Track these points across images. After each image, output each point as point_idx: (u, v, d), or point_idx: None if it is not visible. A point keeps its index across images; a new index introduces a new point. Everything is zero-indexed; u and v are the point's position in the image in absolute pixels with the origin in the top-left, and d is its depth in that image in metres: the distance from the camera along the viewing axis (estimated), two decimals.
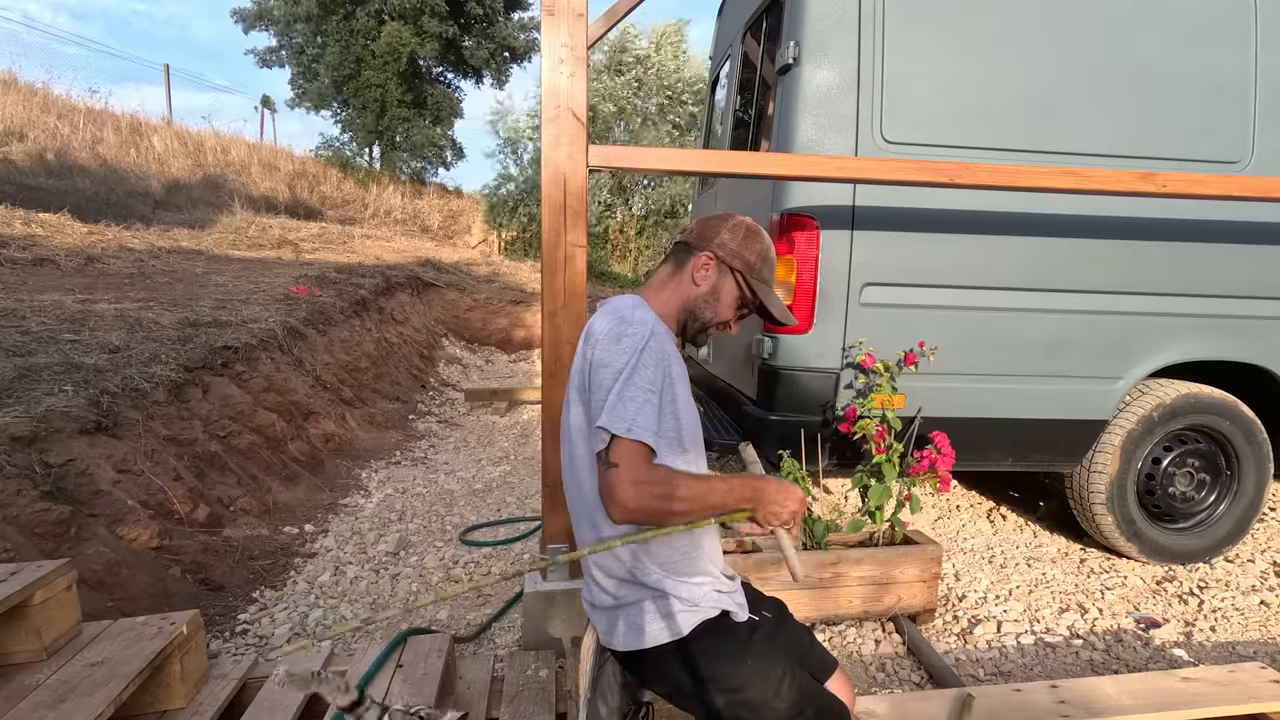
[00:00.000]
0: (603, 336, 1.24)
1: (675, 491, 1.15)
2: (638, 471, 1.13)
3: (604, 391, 1.18)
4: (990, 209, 2.70)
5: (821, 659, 1.45)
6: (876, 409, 2.55)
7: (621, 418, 1.14)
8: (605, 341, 1.23)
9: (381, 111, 16.23)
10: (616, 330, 1.23)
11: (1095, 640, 2.55)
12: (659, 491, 1.14)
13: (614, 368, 1.19)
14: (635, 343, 1.21)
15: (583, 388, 1.26)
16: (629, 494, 1.12)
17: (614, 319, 1.26)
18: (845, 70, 2.60)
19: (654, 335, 1.24)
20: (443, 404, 6.15)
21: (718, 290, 1.36)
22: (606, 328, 1.25)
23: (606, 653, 1.36)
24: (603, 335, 1.24)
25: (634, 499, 1.12)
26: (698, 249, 1.37)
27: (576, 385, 1.28)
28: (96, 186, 9.86)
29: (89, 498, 2.61)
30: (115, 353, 3.47)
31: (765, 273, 1.38)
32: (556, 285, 2.19)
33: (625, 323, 1.24)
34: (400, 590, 2.83)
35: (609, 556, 1.30)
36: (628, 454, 1.13)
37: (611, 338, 1.22)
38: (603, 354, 1.22)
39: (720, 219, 1.39)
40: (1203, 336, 2.94)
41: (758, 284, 1.36)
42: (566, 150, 2.12)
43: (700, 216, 1.42)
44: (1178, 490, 3.08)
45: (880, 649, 2.48)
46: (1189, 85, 2.79)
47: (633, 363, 1.19)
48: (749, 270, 1.36)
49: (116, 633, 1.80)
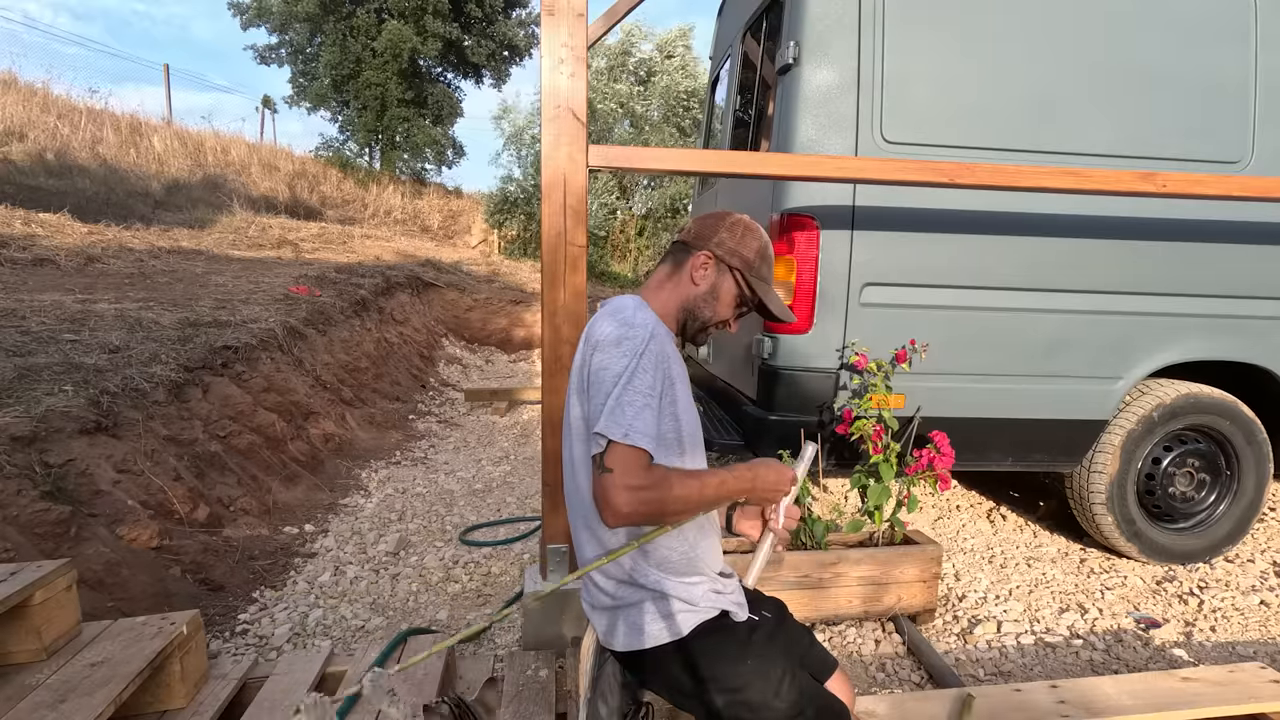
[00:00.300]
0: (603, 339, 1.23)
1: (669, 494, 1.16)
2: (631, 477, 1.13)
3: (603, 395, 1.18)
4: (990, 209, 2.70)
5: (821, 659, 1.46)
6: (873, 409, 2.55)
7: (619, 423, 1.14)
8: (606, 344, 1.22)
9: (381, 111, 16.23)
10: (617, 333, 1.23)
11: (1095, 640, 2.55)
12: (652, 496, 1.14)
13: (613, 371, 1.19)
14: (635, 346, 1.20)
15: (581, 388, 1.26)
16: (622, 499, 1.12)
17: (615, 321, 1.25)
18: (845, 70, 2.60)
19: (654, 338, 1.23)
20: (443, 404, 6.15)
21: (717, 289, 1.36)
22: (607, 330, 1.24)
23: (606, 653, 1.36)
24: (603, 337, 1.23)
25: (627, 504, 1.12)
26: (696, 248, 1.36)
27: (576, 386, 1.28)
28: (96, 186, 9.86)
29: (89, 498, 2.61)
30: (115, 353, 3.47)
31: (764, 270, 1.38)
32: (556, 285, 2.19)
33: (626, 325, 1.24)
34: (400, 590, 2.83)
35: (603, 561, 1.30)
36: (622, 459, 1.13)
37: (612, 340, 1.22)
38: (603, 357, 1.21)
39: (717, 217, 1.39)
40: (1203, 336, 2.94)
41: (756, 282, 1.36)
42: (566, 150, 2.12)
43: (698, 215, 1.42)
44: (1178, 490, 3.08)
45: (880, 649, 2.48)
46: (1189, 85, 2.79)
47: (632, 366, 1.18)
48: (747, 268, 1.35)
49: (116, 633, 1.80)
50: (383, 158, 17.58)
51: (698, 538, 1.33)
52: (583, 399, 1.26)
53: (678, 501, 1.17)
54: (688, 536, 1.31)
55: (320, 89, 16.04)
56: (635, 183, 14.78)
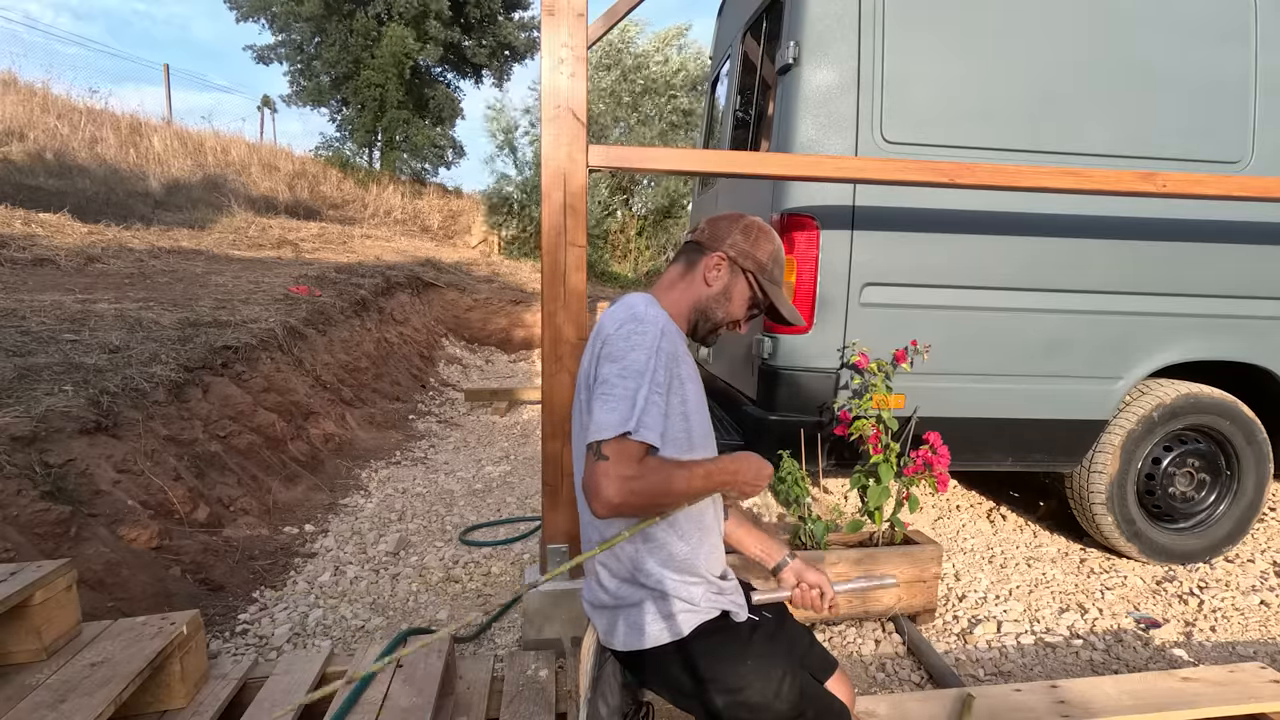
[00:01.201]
0: (613, 333, 1.24)
1: (659, 485, 1.16)
2: (625, 467, 1.12)
3: (609, 387, 1.18)
4: (990, 209, 2.70)
5: (822, 659, 1.46)
6: (872, 409, 2.55)
7: (621, 414, 1.14)
8: (615, 338, 1.22)
9: (381, 112, 16.21)
10: (627, 328, 1.23)
11: (1095, 640, 2.55)
12: (641, 487, 1.13)
13: (622, 364, 1.19)
14: (645, 340, 1.21)
15: (591, 384, 1.25)
16: (613, 489, 1.11)
17: (625, 315, 1.26)
18: (845, 70, 2.60)
19: (664, 335, 1.24)
20: (443, 404, 6.15)
21: (729, 290, 1.37)
22: (617, 324, 1.24)
23: (607, 653, 1.36)
24: (613, 332, 1.24)
25: (618, 494, 1.11)
26: (709, 249, 1.37)
27: (585, 381, 1.28)
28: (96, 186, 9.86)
29: (89, 497, 2.61)
30: (115, 353, 3.47)
31: (776, 274, 1.39)
32: (556, 285, 2.19)
33: (636, 320, 1.24)
34: (400, 590, 2.83)
35: (610, 555, 1.30)
36: (619, 449, 1.13)
37: (622, 335, 1.22)
38: (612, 349, 1.22)
39: (731, 219, 1.40)
40: (1203, 336, 2.94)
41: (768, 285, 1.38)
42: (566, 150, 2.12)
43: (710, 216, 1.44)
44: (1178, 490, 3.08)
45: (880, 649, 2.48)
46: (1189, 85, 2.79)
47: (640, 360, 1.19)
48: (760, 271, 1.36)
49: (116, 633, 1.80)
50: (382, 158, 17.58)
51: (701, 539, 1.33)
52: (585, 389, 1.26)
53: (667, 493, 1.17)
54: (690, 537, 1.31)
55: (319, 87, 16.02)
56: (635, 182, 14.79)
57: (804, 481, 2.54)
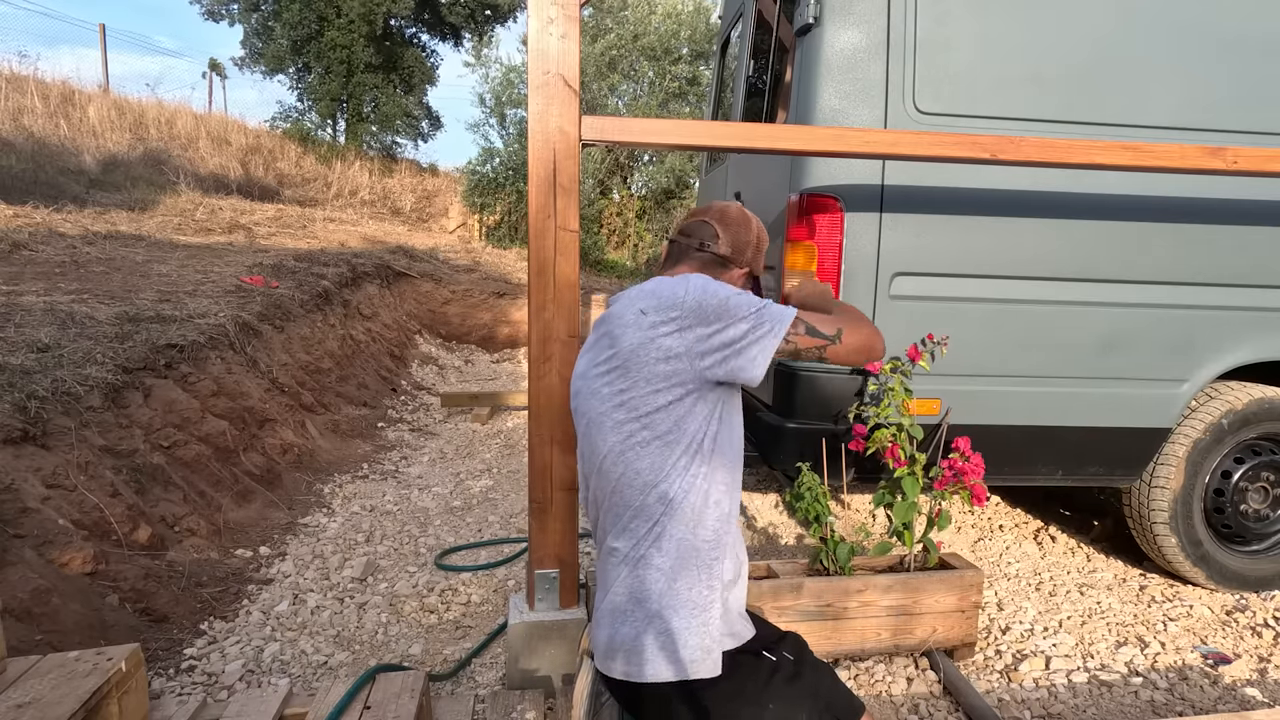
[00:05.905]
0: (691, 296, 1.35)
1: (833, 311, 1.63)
2: (828, 323, 1.43)
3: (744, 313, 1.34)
4: (1038, 189, 2.70)
5: (846, 701, 1.46)
6: (893, 417, 2.54)
7: (775, 308, 1.37)
8: (701, 295, 1.35)
9: (347, 77, 16.21)
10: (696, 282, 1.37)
11: (1156, 678, 2.56)
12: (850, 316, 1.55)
13: (726, 299, 1.35)
14: (715, 283, 1.39)
15: (624, 368, 1.33)
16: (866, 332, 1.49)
17: (678, 282, 1.38)
18: (873, 30, 2.60)
19: None
20: (416, 410, 6.16)
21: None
22: (685, 289, 1.36)
23: (604, 694, 1.36)
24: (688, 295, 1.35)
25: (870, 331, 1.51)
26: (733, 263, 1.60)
27: (610, 368, 1.35)
28: (22, 163, 9.86)
29: (14, 516, 2.61)
30: (44, 352, 3.47)
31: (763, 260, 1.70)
32: (545, 275, 2.19)
33: (685, 279, 1.39)
34: (368, 622, 2.83)
35: (627, 572, 1.31)
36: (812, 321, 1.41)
37: (698, 288, 1.36)
38: (707, 301, 1.34)
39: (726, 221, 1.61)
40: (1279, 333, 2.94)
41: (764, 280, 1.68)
42: (556, 121, 2.12)
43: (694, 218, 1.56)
44: (1250, 508, 3.08)
45: (913, 688, 2.48)
46: (1264, 49, 2.78)
47: (727, 289, 1.38)
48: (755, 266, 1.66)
49: (46, 669, 1.80)
50: (348, 130, 17.58)
51: (738, 571, 1.41)
52: (623, 381, 1.33)
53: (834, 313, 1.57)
54: (721, 577, 1.35)
55: (278, 50, 16.01)
56: (634, 159, 14.79)
57: (825, 498, 2.53)
